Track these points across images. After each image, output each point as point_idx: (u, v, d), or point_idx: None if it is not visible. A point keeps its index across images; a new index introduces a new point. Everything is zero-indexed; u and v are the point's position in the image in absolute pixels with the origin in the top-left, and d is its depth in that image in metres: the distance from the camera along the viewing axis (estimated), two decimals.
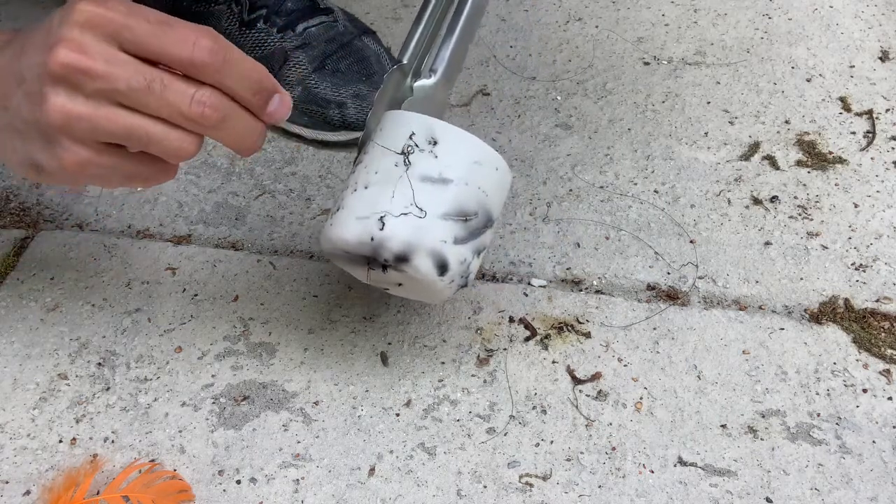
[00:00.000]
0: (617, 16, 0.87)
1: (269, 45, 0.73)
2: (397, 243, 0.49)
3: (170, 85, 0.43)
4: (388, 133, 0.51)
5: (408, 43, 0.56)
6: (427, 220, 0.49)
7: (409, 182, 0.50)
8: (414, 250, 0.49)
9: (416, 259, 0.49)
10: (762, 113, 0.76)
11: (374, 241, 0.49)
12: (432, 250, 0.49)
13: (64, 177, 0.45)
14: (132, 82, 0.42)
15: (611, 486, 0.52)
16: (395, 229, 0.49)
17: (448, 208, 0.50)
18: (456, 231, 0.50)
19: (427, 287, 0.51)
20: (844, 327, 0.61)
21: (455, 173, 0.50)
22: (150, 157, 0.46)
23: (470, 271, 0.52)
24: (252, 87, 0.45)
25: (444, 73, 0.55)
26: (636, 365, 0.59)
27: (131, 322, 0.61)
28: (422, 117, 0.51)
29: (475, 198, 0.51)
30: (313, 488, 0.52)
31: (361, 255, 0.50)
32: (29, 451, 0.54)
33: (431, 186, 0.49)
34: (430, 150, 0.50)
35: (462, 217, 0.50)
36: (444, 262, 0.50)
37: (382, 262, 0.50)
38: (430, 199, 0.49)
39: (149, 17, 0.43)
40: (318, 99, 0.72)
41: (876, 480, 0.52)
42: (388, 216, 0.49)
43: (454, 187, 0.50)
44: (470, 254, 0.51)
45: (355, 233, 0.49)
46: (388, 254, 0.49)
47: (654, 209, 0.69)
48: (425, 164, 0.50)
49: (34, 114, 0.43)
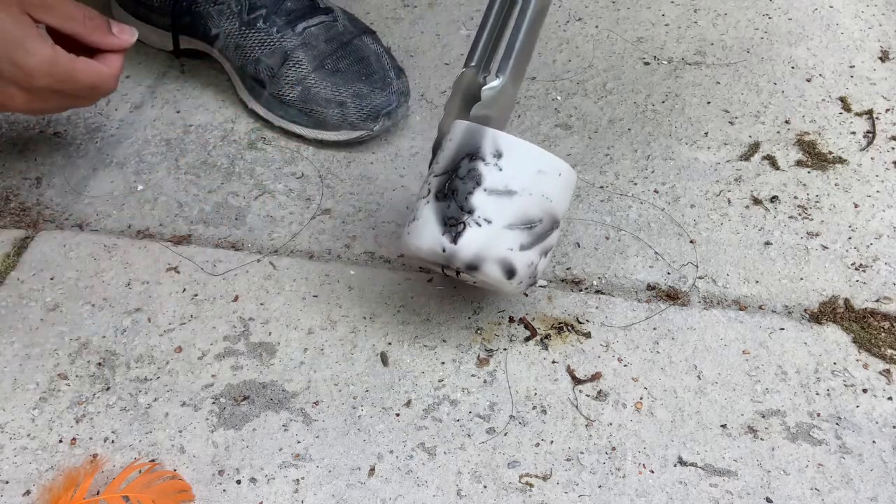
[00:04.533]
0: (617, 16, 0.87)
1: (269, 45, 0.73)
2: (467, 254, 0.53)
3: None
4: (458, 144, 0.55)
5: (475, 46, 0.58)
6: (494, 230, 0.53)
7: (476, 195, 0.53)
8: (483, 260, 0.53)
9: (486, 267, 0.53)
10: (762, 113, 0.76)
11: (446, 253, 0.53)
12: (500, 259, 0.53)
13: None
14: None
15: (611, 486, 0.52)
16: (464, 242, 0.53)
17: (513, 218, 0.53)
18: (522, 239, 0.53)
19: (498, 288, 0.56)
20: (844, 327, 0.61)
21: (519, 184, 0.53)
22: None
23: (538, 271, 0.56)
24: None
25: (510, 74, 0.57)
26: (636, 365, 0.59)
27: (131, 322, 0.61)
28: (487, 130, 0.54)
29: (539, 205, 0.54)
30: (313, 488, 0.52)
31: (435, 262, 0.54)
32: (29, 451, 0.54)
33: (497, 198, 0.53)
34: (495, 162, 0.53)
35: (527, 225, 0.53)
36: (512, 267, 0.53)
37: (455, 269, 0.54)
38: (496, 210, 0.53)
39: None
40: (318, 98, 0.72)
41: (876, 480, 0.52)
42: (458, 228, 0.53)
43: (518, 198, 0.53)
44: (536, 256, 0.55)
45: (428, 244, 0.54)
46: (459, 263, 0.53)
47: (654, 209, 0.69)
48: (491, 176, 0.53)
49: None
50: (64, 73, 0.60)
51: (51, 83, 0.60)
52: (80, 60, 0.61)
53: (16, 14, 0.58)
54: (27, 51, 0.58)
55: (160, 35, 0.80)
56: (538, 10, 0.57)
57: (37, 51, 0.59)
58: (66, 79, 0.61)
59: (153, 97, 0.79)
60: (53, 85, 0.60)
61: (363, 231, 0.68)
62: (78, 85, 0.62)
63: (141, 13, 0.80)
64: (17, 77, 0.59)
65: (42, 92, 0.61)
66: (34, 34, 0.59)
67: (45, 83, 0.60)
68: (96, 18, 0.63)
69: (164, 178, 0.72)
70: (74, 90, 0.62)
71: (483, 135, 0.54)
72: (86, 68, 0.61)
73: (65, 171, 0.72)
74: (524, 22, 0.56)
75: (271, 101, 0.74)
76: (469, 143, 0.54)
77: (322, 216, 0.69)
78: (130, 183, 0.71)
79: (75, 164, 0.73)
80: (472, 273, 0.54)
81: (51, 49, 0.59)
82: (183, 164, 0.73)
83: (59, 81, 0.60)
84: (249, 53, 0.74)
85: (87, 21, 0.63)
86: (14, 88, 0.60)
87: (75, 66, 0.61)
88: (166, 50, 0.82)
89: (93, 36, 0.63)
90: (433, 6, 0.89)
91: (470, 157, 0.53)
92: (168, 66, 0.82)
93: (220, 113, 0.77)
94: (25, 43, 0.58)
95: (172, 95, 0.79)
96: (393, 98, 0.72)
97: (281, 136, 0.75)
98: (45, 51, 0.59)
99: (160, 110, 0.78)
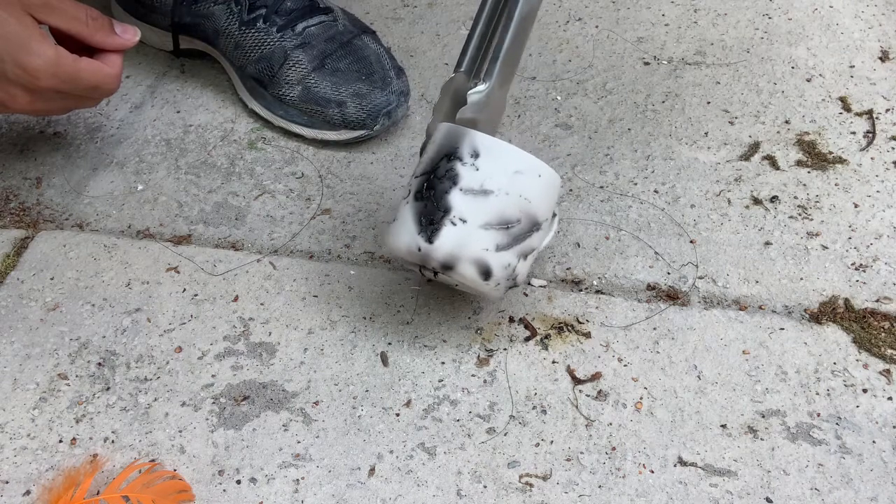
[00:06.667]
0: (617, 16, 0.87)
1: (269, 45, 0.73)
2: (441, 253, 0.53)
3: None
4: (438, 146, 0.55)
5: (465, 50, 0.58)
6: (469, 229, 0.53)
7: (452, 194, 0.53)
8: (457, 259, 0.53)
9: (461, 267, 0.53)
10: (762, 113, 0.76)
11: (421, 252, 0.53)
12: (475, 259, 0.53)
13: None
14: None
15: (611, 486, 0.52)
16: (439, 241, 0.53)
17: (489, 218, 0.53)
18: (498, 239, 0.53)
19: (476, 290, 0.56)
20: (844, 327, 0.61)
21: (496, 184, 0.53)
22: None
23: (517, 273, 0.55)
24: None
25: (497, 79, 0.57)
26: (636, 365, 0.59)
27: (131, 322, 0.61)
28: (466, 131, 0.54)
29: (517, 205, 0.53)
30: (313, 488, 0.52)
31: (413, 262, 0.54)
32: (29, 451, 0.54)
33: (473, 198, 0.53)
34: (472, 162, 0.53)
35: (504, 225, 0.53)
36: (488, 268, 0.53)
37: (432, 269, 0.54)
38: (471, 209, 0.53)
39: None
40: (318, 98, 0.72)
41: (876, 480, 0.52)
42: (433, 227, 0.53)
43: (494, 198, 0.53)
44: (514, 258, 0.54)
45: (404, 243, 0.54)
46: (434, 263, 0.53)
47: (654, 209, 0.69)
48: (468, 176, 0.53)
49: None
50: (67, 73, 0.60)
51: (54, 84, 0.60)
52: (83, 61, 0.61)
53: (19, 15, 0.59)
54: (30, 52, 0.58)
55: (160, 35, 0.80)
56: (525, 15, 0.56)
57: (40, 52, 0.59)
58: (70, 79, 0.61)
59: (153, 97, 0.79)
60: (57, 86, 0.60)
61: (363, 231, 0.68)
62: (81, 85, 0.62)
63: (141, 13, 0.80)
64: (21, 78, 0.59)
65: (45, 92, 0.61)
66: (37, 35, 0.59)
67: (49, 84, 0.60)
68: (99, 19, 0.63)
69: (164, 178, 0.72)
70: (77, 91, 0.62)
71: (462, 135, 0.54)
72: (89, 69, 0.61)
73: (65, 171, 0.72)
74: (511, 27, 0.56)
75: (271, 100, 0.74)
76: (448, 144, 0.54)
77: (322, 216, 0.69)
78: (130, 183, 0.71)
79: (75, 164, 0.73)
80: (448, 273, 0.53)
81: (54, 50, 0.59)
82: (183, 164, 0.73)
83: (62, 82, 0.60)
84: (249, 53, 0.74)
85: (91, 21, 0.63)
86: (17, 89, 0.60)
87: (79, 66, 0.61)
88: (166, 50, 0.82)
89: (96, 36, 0.63)
90: (433, 6, 0.89)
91: (448, 158, 0.53)
92: (168, 66, 0.82)
93: (220, 113, 0.77)
94: (29, 44, 0.58)
95: (172, 95, 0.79)
96: (393, 98, 0.72)
97: (281, 136, 0.75)
98: (48, 51, 0.59)
99: (160, 110, 0.78)
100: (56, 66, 0.59)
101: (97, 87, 0.63)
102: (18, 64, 0.58)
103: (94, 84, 0.62)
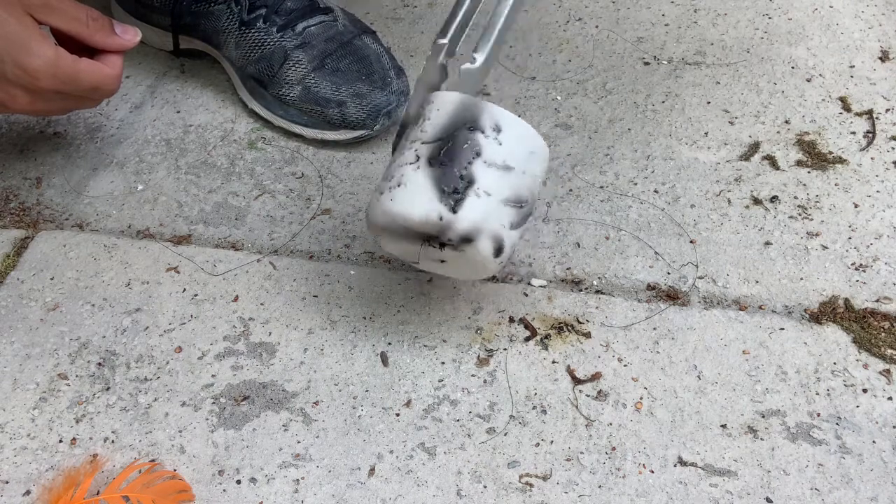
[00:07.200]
0: (617, 16, 0.87)
1: (269, 45, 0.73)
2: (465, 225, 0.50)
3: None
4: (452, 115, 0.52)
5: (448, 24, 0.57)
6: (493, 203, 0.51)
7: (476, 165, 0.51)
8: (479, 232, 0.51)
9: (480, 241, 0.51)
10: (762, 113, 0.76)
11: (443, 222, 0.50)
12: (494, 234, 0.51)
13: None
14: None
15: (611, 486, 0.52)
16: (465, 212, 0.50)
17: (509, 194, 0.52)
18: (512, 216, 0.52)
19: (479, 266, 0.53)
20: (844, 327, 0.61)
21: (515, 161, 0.52)
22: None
23: (512, 254, 0.55)
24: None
25: (487, 58, 0.56)
26: (636, 365, 0.59)
27: (131, 322, 0.61)
28: (486, 103, 0.53)
29: (528, 186, 0.53)
30: (313, 488, 0.52)
31: (423, 232, 0.51)
32: (29, 451, 0.54)
33: (497, 172, 0.51)
34: (495, 136, 0.52)
35: (518, 203, 0.52)
36: (501, 245, 0.52)
37: (445, 241, 0.51)
38: (495, 183, 0.51)
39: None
40: (318, 98, 0.72)
41: (876, 480, 0.52)
42: (457, 196, 0.50)
43: (514, 175, 0.52)
44: (518, 238, 0.54)
45: (421, 210, 0.50)
46: (453, 234, 0.51)
47: (654, 209, 0.69)
48: (490, 149, 0.52)
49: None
50: (67, 74, 0.60)
51: (54, 84, 0.60)
52: (83, 61, 0.61)
53: (19, 15, 0.59)
54: (30, 52, 0.58)
55: (160, 35, 0.80)
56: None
57: (40, 52, 0.59)
58: (70, 80, 0.61)
59: (153, 97, 0.79)
60: (57, 86, 0.60)
61: (363, 231, 0.68)
62: (81, 86, 0.62)
63: (141, 13, 0.80)
64: (21, 78, 0.59)
65: (45, 93, 0.61)
66: (37, 35, 0.59)
67: (49, 84, 0.60)
68: (100, 19, 0.63)
69: (164, 178, 0.72)
70: (77, 91, 0.62)
71: (481, 107, 0.52)
72: (89, 69, 0.62)
73: (65, 171, 0.72)
74: (506, 6, 0.56)
75: (271, 100, 0.74)
76: (466, 115, 0.52)
77: (322, 216, 0.69)
78: (130, 183, 0.71)
79: (75, 164, 0.73)
80: (464, 247, 0.51)
81: (54, 50, 0.59)
82: (183, 164, 0.73)
83: (62, 83, 0.60)
84: (249, 53, 0.74)
85: (91, 22, 0.63)
86: (17, 89, 0.60)
87: (79, 67, 0.61)
88: (166, 50, 0.82)
89: (96, 37, 0.63)
90: (433, 6, 0.89)
91: (469, 128, 0.52)
92: (168, 66, 0.82)
93: (220, 113, 0.77)
94: (29, 44, 0.58)
95: (172, 95, 0.79)
96: (393, 98, 0.72)
97: (281, 136, 0.75)
98: (48, 52, 0.59)
99: (160, 110, 0.78)
100: (56, 67, 0.59)
101: (97, 88, 0.63)
102: (18, 64, 0.58)
103: (94, 85, 0.62)
